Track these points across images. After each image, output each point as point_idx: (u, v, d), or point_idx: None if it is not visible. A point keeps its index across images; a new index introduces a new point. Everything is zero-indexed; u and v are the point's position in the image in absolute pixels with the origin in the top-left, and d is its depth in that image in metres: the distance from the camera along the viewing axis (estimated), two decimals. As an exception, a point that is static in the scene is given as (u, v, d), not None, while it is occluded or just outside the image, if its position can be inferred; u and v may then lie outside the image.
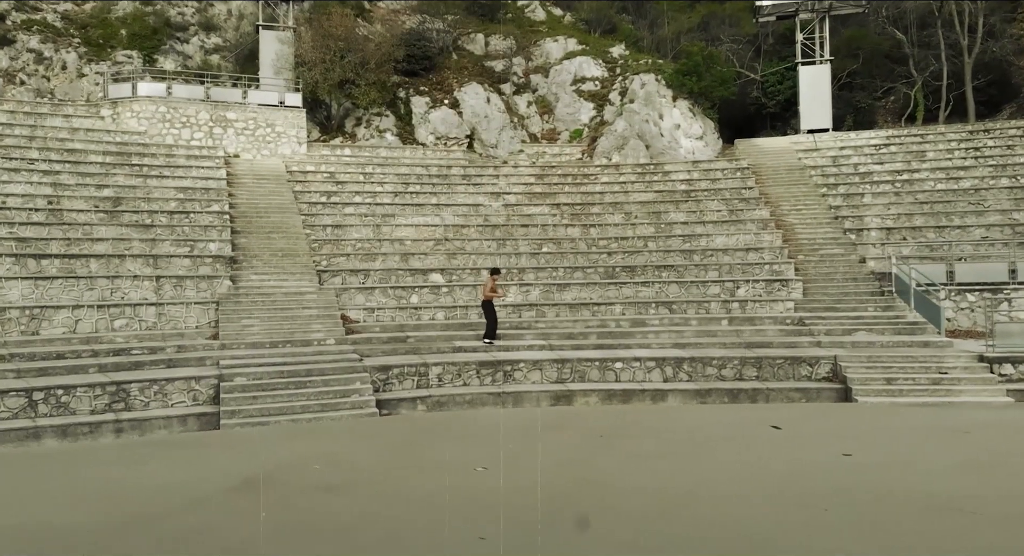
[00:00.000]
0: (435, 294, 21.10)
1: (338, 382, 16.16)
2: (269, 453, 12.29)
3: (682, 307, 20.96)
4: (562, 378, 17.17)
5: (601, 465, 10.89)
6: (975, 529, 8.10)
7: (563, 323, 20.12)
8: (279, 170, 27.53)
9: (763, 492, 9.53)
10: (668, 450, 12.03)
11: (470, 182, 28.13)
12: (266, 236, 23.02)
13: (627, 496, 9.31)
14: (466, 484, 9.80)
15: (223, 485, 10.26)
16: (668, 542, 7.87)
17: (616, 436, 13.04)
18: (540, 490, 9.02)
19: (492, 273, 19.24)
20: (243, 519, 8.67)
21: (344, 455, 12.16)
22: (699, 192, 27.37)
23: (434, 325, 19.83)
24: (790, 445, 12.32)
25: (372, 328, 19.52)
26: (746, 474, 10.32)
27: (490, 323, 18.75)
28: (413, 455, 11.97)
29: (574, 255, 23.26)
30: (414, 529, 8.25)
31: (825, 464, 10.82)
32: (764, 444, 12.30)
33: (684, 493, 9.59)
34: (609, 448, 12.11)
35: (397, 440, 13.41)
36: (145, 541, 8.10)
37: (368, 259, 22.43)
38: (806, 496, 9.34)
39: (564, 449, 11.70)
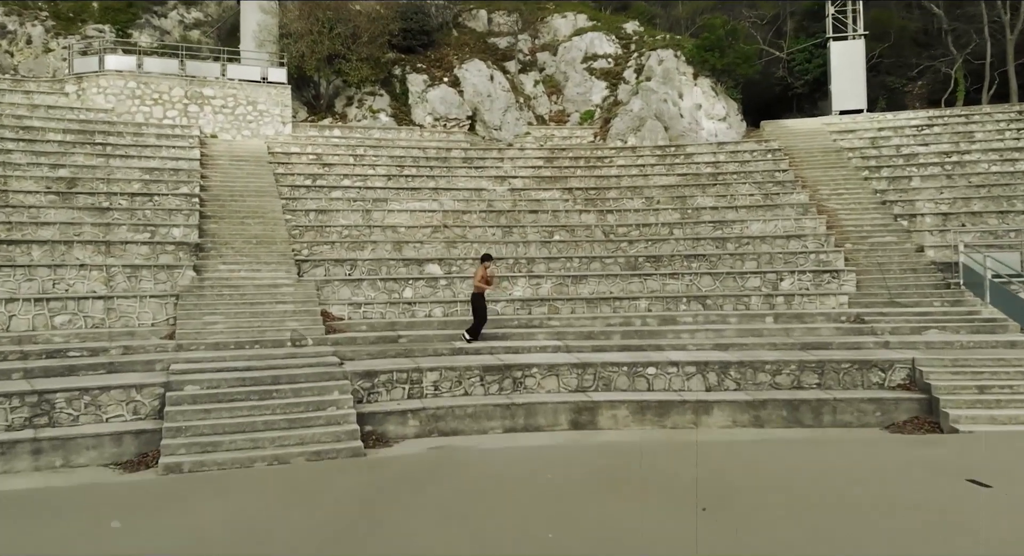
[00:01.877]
0: (432, 287, 17.98)
1: (311, 392, 13.04)
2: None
3: (717, 302, 17.84)
4: (583, 386, 14.04)
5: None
6: None
7: (580, 320, 17.00)
8: (260, 151, 24.42)
9: None
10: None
11: (472, 165, 25.01)
12: (240, 221, 19.91)
13: None
14: None
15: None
16: None
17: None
18: None
19: (483, 260, 16.11)
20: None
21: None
22: (727, 175, 24.25)
23: (430, 323, 16.71)
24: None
25: (358, 326, 16.39)
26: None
27: (477, 319, 15.71)
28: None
29: (590, 244, 20.15)
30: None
31: None
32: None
33: None
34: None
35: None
36: None
37: (356, 248, 19.32)
38: None
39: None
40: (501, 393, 13.85)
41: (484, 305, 15.73)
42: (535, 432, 13.12)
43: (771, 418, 13.43)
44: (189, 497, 9.82)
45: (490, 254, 16.37)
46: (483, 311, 15.69)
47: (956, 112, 28.39)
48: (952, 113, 28.28)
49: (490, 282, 15.80)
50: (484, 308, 15.72)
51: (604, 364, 14.11)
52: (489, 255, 16.24)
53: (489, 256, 16.17)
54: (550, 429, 13.21)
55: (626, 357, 14.58)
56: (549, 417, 13.27)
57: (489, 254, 16.34)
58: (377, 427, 12.84)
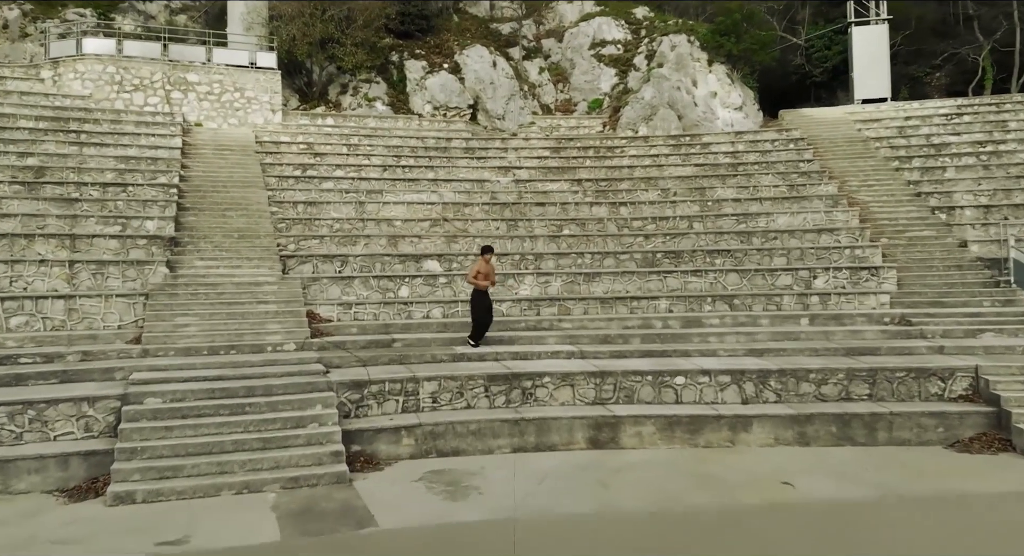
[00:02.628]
0: (430, 286, 16.19)
1: (291, 405, 11.25)
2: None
3: (746, 302, 16.05)
4: (602, 398, 12.24)
5: None
6: None
7: (594, 322, 15.20)
8: (247, 140, 22.62)
9: None
10: None
11: (473, 155, 23.21)
12: (221, 214, 18.11)
13: None
14: None
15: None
16: None
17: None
18: None
19: (482, 253, 14.19)
20: None
21: None
22: (748, 165, 22.46)
23: (428, 325, 14.91)
24: None
25: (348, 329, 14.60)
26: None
27: (475, 321, 13.84)
28: None
29: (603, 239, 18.34)
30: None
31: None
32: None
33: None
34: None
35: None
36: None
37: (347, 242, 17.52)
38: None
39: None
40: (508, 406, 12.05)
41: (485, 304, 13.87)
42: (548, 452, 11.32)
43: (818, 435, 11.64)
44: (131, 536, 8.04)
45: (491, 246, 14.53)
46: (483, 311, 13.80)
47: (985, 101, 26.64)
48: (981, 102, 26.53)
49: (490, 278, 13.92)
50: (484, 307, 13.85)
51: (625, 373, 12.30)
52: (490, 247, 14.36)
53: (490, 248, 14.27)
54: (565, 448, 11.42)
55: (649, 364, 12.78)
56: (564, 434, 11.48)
57: (490, 246, 14.50)
58: (366, 446, 11.05)
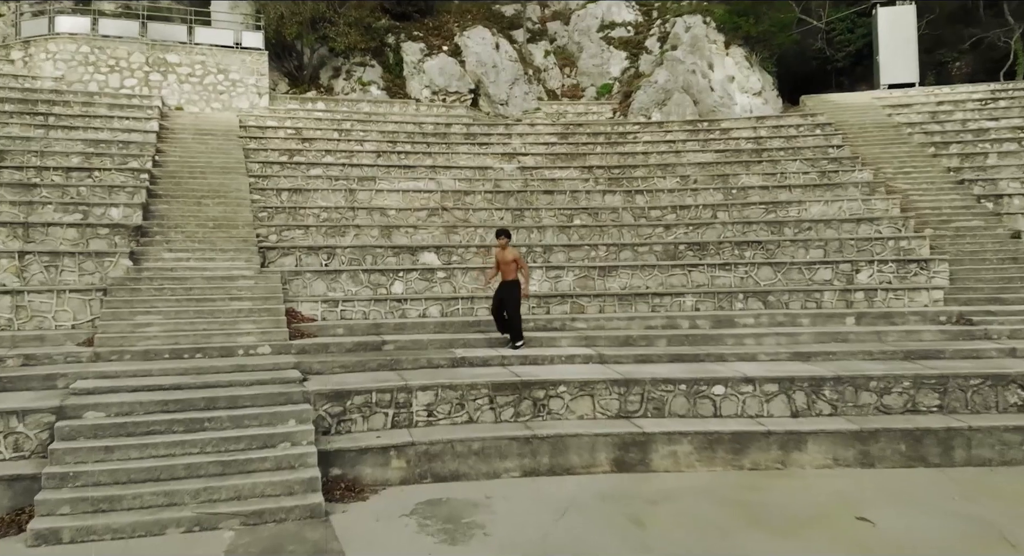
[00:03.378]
0: (427, 281, 14.30)
1: (258, 420, 9.36)
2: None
3: (781, 299, 14.16)
4: (627, 410, 10.34)
5: None
6: None
7: (613, 322, 13.31)
8: (230, 125, 20.73)
9: None
10: None
11: (475, 141, 21.31)
12: (196, 201, 16.22)
13: None
14: None
15: None
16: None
17: None
18: None
19: (498, 237, 12.41)
20: None
21: None
22: (772, 151, 20.56)
23: (425, 325, 13.01)
24: None
25: (333, 329, 12.71)
26: None
27: (518, 314, 12.17)
28: None
29: (618, 229, 16.44)
30: None
31: None
32: None
33: None
34: None
35: None
36: None
37: (335, 233, 15.62)
38: None
39: None
40: (518, 420, 10.15)
41: (518, 295, 12.20)
42: (565, 476, 9.43)
43: (884, 454, 9.75)
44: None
45: (507, 230, 12.59)
46: (515, 302, 12.17)
47: (1020, 85, 24.71)
48: (1016, 86, 24.59)
49: (520, 264, 12.18)
50: (517, 298, 12.21)
51: (655, 381, 10.39)
52: (506, 231, 12.42)
53: (506, 232, 12.37)
54: (586, 471, 9.53)
55: (681, 370, 10.87)
56: (584, 454, 9.58)
57: (506, 229, 12.57)
58: (348, 470, 9.16)
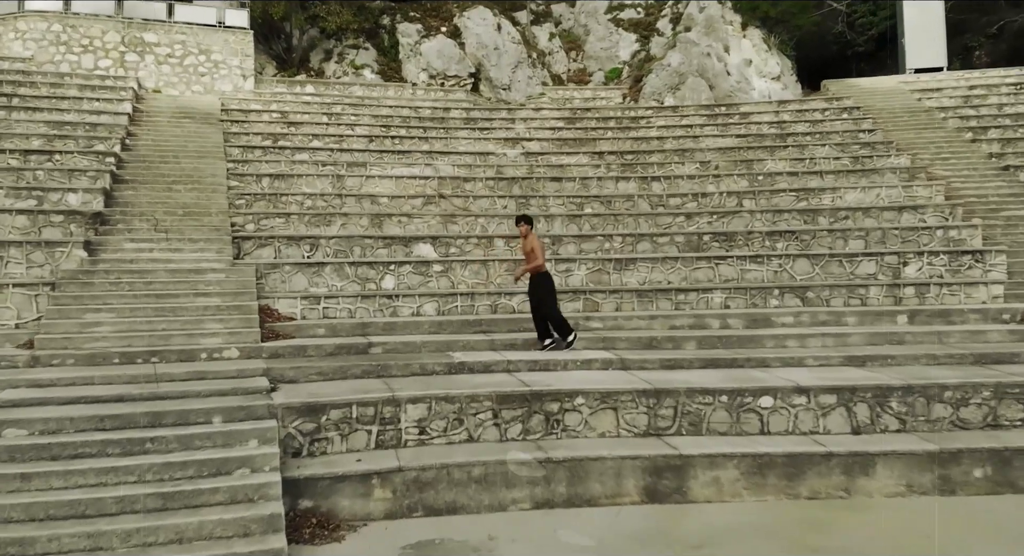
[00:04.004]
0: (422, 275, 12.58)
1: (212, 440, 7.63)
2: None
3: (821, 295, 12.44)
4: (657, 427, 8.61)
5: None
6: None
7: (632, 321, 11.58)
8: (211, 108, 19.01)
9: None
10: None
11: (476, 126, 19.60)
12: (167, 187, 14.52)
13: None
14: None
15: None
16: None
17: None
18: None
19: (519, 222, 10.80)
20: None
21: None
22: (798, 136, 18.83)
23: (418, 324, 11.27)
24: None
25: (313, 330, 10.98)
26: None
27: (551, 311, 10.44)
28: None
29: (634, 219, 14.71)
30: None
31: None
32: None
33: None
34: None
35: None
36: None
37: (320, 222, 13.91)
38: None
39: None
40: (527, 439, 8.42)
41: (551, 284, 10.64)
42: (586, 508, 7.70)
43: (967, 479, 8.03)
44: None
45: (526, 216, 10.93)
46: (551, 292, 10.58)
47: (1055, 70, 23.03)
48: (1051, 71, 22.92)
49: (537, 255, 10.50)
50: (552, 287, 10.63)
51: (690, 391, 8.65)
52: (524, 217, 10.82)
53: (524, 218, 10.77)
54: (610, 501, 7.79)
55: (720, 378, 9.14)
56: (608, 482, 7.85)
57: (524, 216, 10.92)
58: (320, 501, 7.43)
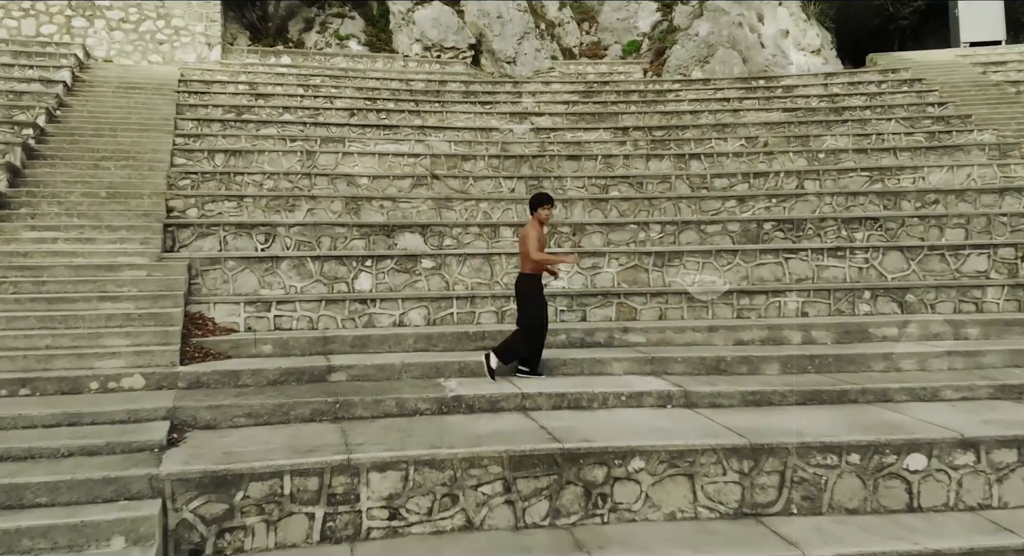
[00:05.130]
0: (408, 272, 9.55)
1: (50, 539, 4.59)
2: None
3: (925, 298, 9.42)
4: (754, 502, 5.59)
5: None
6: None
7: (685, 334, 8.54)
8: (167, 78, 15.97)
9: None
10: None
11: (476, 100, 16.57)
12: (94, 164, 11.51)
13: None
14: None
15: None
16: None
17: None
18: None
19: (536, 206, 7.55)
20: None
21: None
22: (854, 110, 15.81)
23: (400, 339, 8.23)
24: None
25: (257, 346, 7.95)
26: None
27: (530, 330, 7.27)
28: None
29: (673, 203, 11.68)
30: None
31: None
32: None
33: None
34: None
35: None
36: None
37: (282, 206, 10.89)
38: None
39: None
40: (556, 525, 5.36)
41: (540, 301, 7.39)
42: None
43: None
44: None
45: (548, 194, 7.71)
46: (540, 312, 7.34)
47: None
48: None
49: (553, 256, 7.70)
50: (541, 306, 7.38)
51: (803, 448, 5.61)
52: (547, 196, 7.61)
53: (548, 198, 7.57)
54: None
55: (834, 423, 6.10)
56: (691, 603, 4.86)
57: (547, 194, 7.69)
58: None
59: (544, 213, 7.47)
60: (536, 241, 7.29)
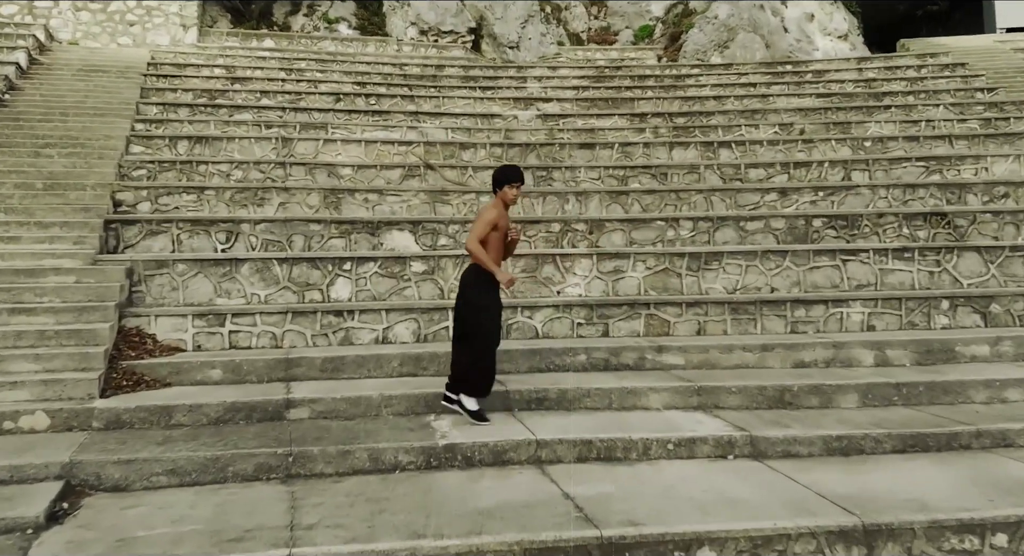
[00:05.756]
0: (395, 278, 7.90)
1: None
2: None
3: (1012, 308, 7.79)
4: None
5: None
6: None
7: (733, 354, 6.88)
8: (136, 61, 14.33)
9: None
10: None
11: (476, 85, 14.91)
12: (34, 152, 9.88)
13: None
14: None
15: None
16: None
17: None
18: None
19: (505, 181, 5.63)
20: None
21: None
22: (895, 96, 14.16)
23: (383, 361, 6.58)
24: None
25: (203, 371, 6.30)
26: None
27: (474, 344, 5.42)
28: None
29: (704, 197, 10.01)
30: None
31: None
32: None
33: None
34: None
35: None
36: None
37: (249, 200, 9.25)
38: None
39: None
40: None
41: (489, 302, 5.54)
42: None
43: None
44: None
45: (518, 169, 5.84)
46: (487, 319, 5.50)
47: None
48: None
49: (509, 244, 5.74)
50: (491, 311, 5.56)
51: (935, 527, 4.01)
52: (517, 171, 5.75)
53: (517, 174, 5.72)
54: None
55: (955, 482, 4.50)
56: None
57: (516, 168, 5.82)
58: None
59: (511, 193, 5.60)
60: (486, 226, 5.43)
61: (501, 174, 5.67)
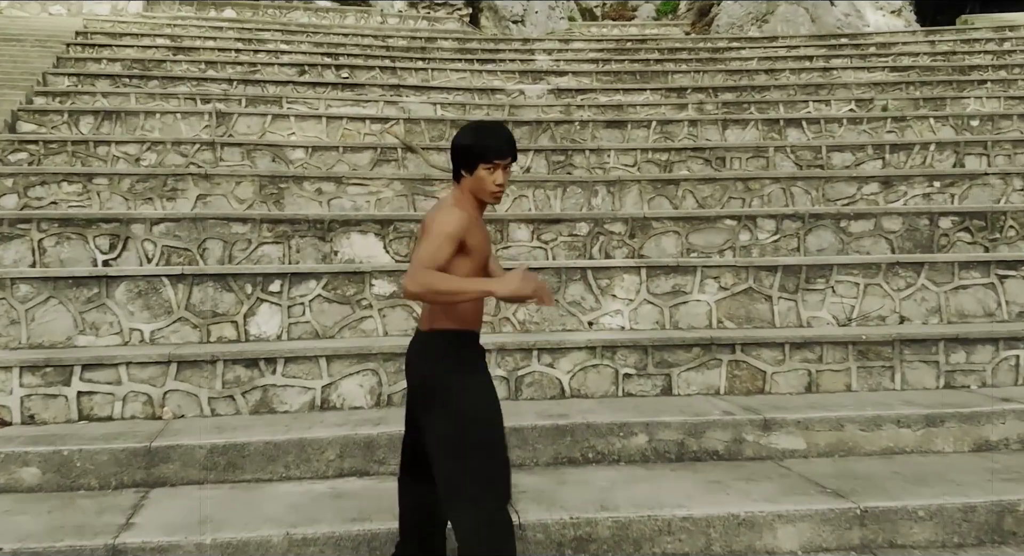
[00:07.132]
0: (346, 303, 5.23)
1: None
2: None
3: None
4: None
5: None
6: None
7: (879, 429, 4.25)
8: (62, 31, 11.66)
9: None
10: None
11: (474, 58, 12.20)
12: None
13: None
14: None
15: None
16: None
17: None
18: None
19: (478, 156, 2.67)
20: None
21: None
22: (984, 69, 11.48)
23: (313, 449, 3.92)
24: None
25: (9, 471, 3.68)
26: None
27: (477, 475, 2.53)
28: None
29: (782, 187, 7.32)
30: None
31: None
32: None
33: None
34: None
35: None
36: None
37: (157, 191, 6.59)
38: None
39: None
40: None
41: (487, 397, 2.66)
42: None
43: None
44: None
45: (501, 128, 2.82)
46: (490, 425, 2.62)
47: None
48: None
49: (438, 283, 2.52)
50: (491, 411, 2.64)
51: None
52: (498, 135, 2.76)
53: (498, 138, 2.74)
54: None
55: None
56: None
57: (495, 128, 2.81)
58: None
59: (492, 181, 2.73)
60: (444, 243, 2.59)
61: (471, 141, 2.76)
